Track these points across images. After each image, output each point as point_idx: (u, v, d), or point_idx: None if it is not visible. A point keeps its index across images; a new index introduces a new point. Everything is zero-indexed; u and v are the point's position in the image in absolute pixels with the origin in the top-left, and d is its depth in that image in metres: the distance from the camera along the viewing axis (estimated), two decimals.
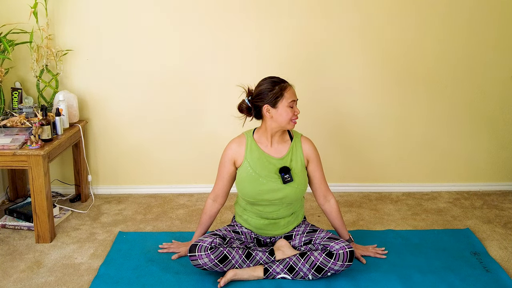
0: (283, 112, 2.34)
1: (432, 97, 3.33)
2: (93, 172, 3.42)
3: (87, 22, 3.18)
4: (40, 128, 2.73)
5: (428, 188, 3.48)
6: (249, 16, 3.18)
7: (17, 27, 3.09)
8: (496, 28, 3.21)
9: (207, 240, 2.32)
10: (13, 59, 3.13)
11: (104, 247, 2.71)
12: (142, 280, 2.37)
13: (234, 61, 3.25)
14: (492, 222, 3.00)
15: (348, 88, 3.30)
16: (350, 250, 2.30)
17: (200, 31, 3.20)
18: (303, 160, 2.45)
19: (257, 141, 2.46)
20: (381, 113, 3.35)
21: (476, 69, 3.28)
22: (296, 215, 2.53)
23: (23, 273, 2.46)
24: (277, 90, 2.34)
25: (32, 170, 2.66)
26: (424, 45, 3.23)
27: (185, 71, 3.27)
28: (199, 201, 3.32)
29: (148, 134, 3.37)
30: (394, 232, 2.86)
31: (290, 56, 3.23)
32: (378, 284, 2.34)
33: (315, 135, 2.80)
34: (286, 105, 2.34)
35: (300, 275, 2.33)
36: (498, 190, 3.49)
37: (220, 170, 2.50)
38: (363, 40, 3.22)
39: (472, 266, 2.49)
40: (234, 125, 3.26)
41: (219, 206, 2.56)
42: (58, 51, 3.14)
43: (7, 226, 2.92)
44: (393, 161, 3.45)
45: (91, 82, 3.27)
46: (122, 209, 3.20)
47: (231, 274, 2.31)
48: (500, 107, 3.35)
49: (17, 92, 3.11)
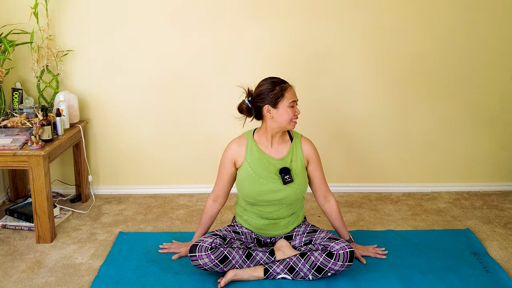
0: (283, 112, 2.35)
1: (432, 98, 3.33)
2: (94, 172, 3.43)
3: (88, 22, 3.18)
4: (40, 128, 2.73)
5: (428, 188, 3.48)
6: (250, 17, 3.18)
7: (17, 28, 3.09)
8: (497, 29, 3.21)
9: (208, 241, 2.32)
10: (13, 59, 3.13)
11: (105, 248, 2.71)
12: (142, 281, 2.37)
13: (234, 61, 3.25)
14: (492, 223, 3.00)
15: (349, 88, 3.31)
16: (350, 250, 2.30)
17: (200, 32, 3.20)
18: (303, 161, 2.46)
19: (257, 142, 2.46)
20: (382, 114, 3.35)
21: (476, 70, 3.28)
22: (296, 215, 2.53)
23: (24, 273, 2.46)
24: (277, 90, 2.35)
25: (32, 170, 2.66)
26: (425, 45, 3.23)
27: (185, 72, 3.27)
28: (200, 202, 3.32)
29: (148, 135, 3.37)
30: (394, 232, 2.86)
31: (291, 57, 3.23)
32: (378, 284, 2.34)
33: (315, 136, 2.80)
34: (287, 106, 2.34)
35: (300, 275, 2.33)
36: (498, 190, 3.49)
37: (221, 170, 2.50)
38: (364, 40, 3.23)
39: (472, 267, 2.49)
40: (234, 125, 3.26)
41: (219, 206, 2.56)
42: (59, 51, 3.15)
43: (7, 226, 2.93)
44: (393, 162, 3.45)
45: (91, 83, 3.28)
46: (122, 210, 3.20)
47: (232, 274, 2.31)
48: (500, 108, 3.36)
49: (17, 92, 3.11)
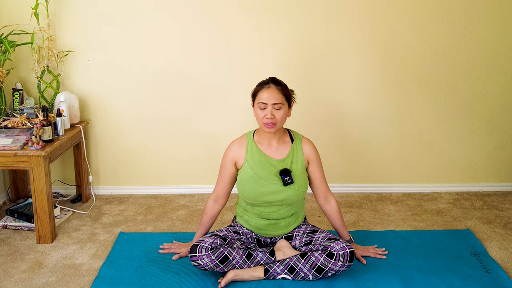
0: (256, 112, 2.39)
1: (432, 98, 3.33)
2: (94, 172, 3.43)
3: (88, 23, 3.19)
4: (41, 129, 2.73)
5: (428, 188, 3.49)
6: (250, 17, 3.18)
7: (18, 28, 3.10)
8: (496, 29, 3.22)
9: (208, 241, 2.32)
10: (14, 60, 3.13)
11: (105, 248, 2.72)
12: (143, 281, 2.38)
13: (234, 62, 3.25)
14: (492, 223, 3.00)
15: (349, 89, 3.31)
16: (351, 250, 2.30)
17: (201, 32, 3.21)
18: (303, 162, 2.46)
19: (257, 142, 2.46)
20: (382, 114, 3.36)
21: (476, 70, 3.29)
22: (297, 215, 2.53)
23: (24, 274, 2.46)
24: (255, 89, 2.41)
25: (33, 170, 2.67)
26: (425, 45, 3.23)
27: (185, 72, 3.27)
28: (200, 202, 3.32)
29: (149, 135, 3.38)
30: (395, 232, 2.86)
31: (291, 57, 3.24)
32: (378, 284, 2.34)
33: (315, 136, 2.81)
34: (258, 106, 2.37)
35: (301, 275, 2.33)
36: (498, 190, 3.49)
37: (221, 171, 2.50)
38: (364, 40, 3.23)
39: (472, 267, 2.49)
40: (235, 126, 3.28)
41: (220, 207, 2.56)
42: (59, 52, 3.15)
43: (8, 226, 2.93)
44: (393, 162, 3.45)
45: (92, 83, 3.28)
46: (123, 210, 3.21)
47: (232, 275, 2.31)
48: (500, 108, 3.36)
49: (18, 93, 3.12)
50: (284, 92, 2.38)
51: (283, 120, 2.38)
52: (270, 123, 2.34)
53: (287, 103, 2.39)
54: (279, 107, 2.35)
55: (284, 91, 2.38)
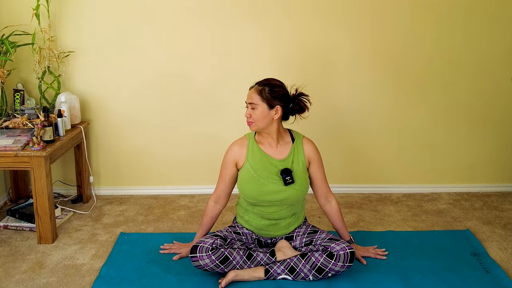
0: None
1: (432, 98, 3.33)
2: (95, 173, 3.43)
3: (89, 24, 3.19)
4: (42, 129, 2.74)
5: (428, 189, 3.49)
6: (250, 17, 3.19)
7: (19, 29, 3.10)
8: (496, 29, 3.22)
9: (208, 241, 2.33)
10: (15, 60, 3.14)
11: (106, 248, 2.72)
12: (143, 281, 2.38)
13: (234, 62, 3.26)
14: (492, 223, 3.01)
15: (349, 89, 3.31)
16: (351, 251, 2.31)
17: (201, 33, 3.21)
18: (304, 162, 2.46)
19: (258, 142, 2.47)
20: (382, 114, 3.36)
21: (476, 70, 3.29)
22: (297, 216, 2.54)
23: (25, 274, 2.47)
24: None
25: (34, 171, 2.67)
26: (424, 46, 3.24)
27: (186, 73, 3.27)
28: (201, 202, 3.32)
29: (149, 135, 3.38)
30: (395, 233, 2.87)
31: (291, 57, 3.24)
32: (378, 285, 2.34)
33: (315, 136, 2.80)
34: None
35: (301, 276, 2.34)
36: (498, 191, 3.49)
37: (222, 171, 2.51)
38: (363, 40, 3.23)
39: (472, 267, 2.49)
40: (236, 126, 3.28)
41: (220, 207, 2.57)
42: (60, 52, 3.16)
43: (9, 227, 2.94)
44: (393, 162, 3.45)
45: (93, 84, 3.28)
46: (123, 210, 3.21)
47: (232, 275, 2.32)
48: (500, 108, 3.36)
49: (19, 93, 3.12)
50: (261, 93, 2.35)
51: (261, 120, 2.36)
52: (247, 121, 2.40)
53: (267, 103, 2.35)
54: (254, 107, 2.36)
55: (263, 92, 2.35)
